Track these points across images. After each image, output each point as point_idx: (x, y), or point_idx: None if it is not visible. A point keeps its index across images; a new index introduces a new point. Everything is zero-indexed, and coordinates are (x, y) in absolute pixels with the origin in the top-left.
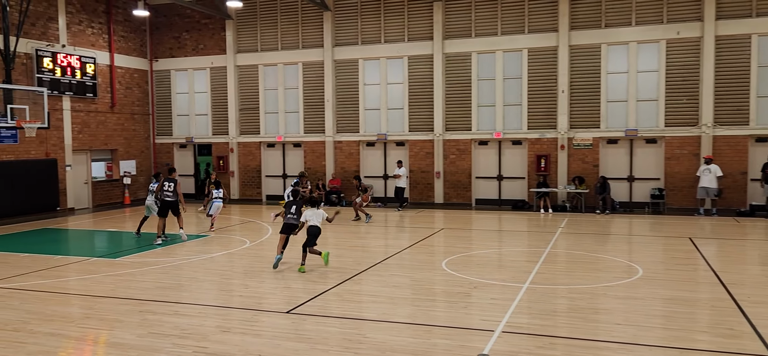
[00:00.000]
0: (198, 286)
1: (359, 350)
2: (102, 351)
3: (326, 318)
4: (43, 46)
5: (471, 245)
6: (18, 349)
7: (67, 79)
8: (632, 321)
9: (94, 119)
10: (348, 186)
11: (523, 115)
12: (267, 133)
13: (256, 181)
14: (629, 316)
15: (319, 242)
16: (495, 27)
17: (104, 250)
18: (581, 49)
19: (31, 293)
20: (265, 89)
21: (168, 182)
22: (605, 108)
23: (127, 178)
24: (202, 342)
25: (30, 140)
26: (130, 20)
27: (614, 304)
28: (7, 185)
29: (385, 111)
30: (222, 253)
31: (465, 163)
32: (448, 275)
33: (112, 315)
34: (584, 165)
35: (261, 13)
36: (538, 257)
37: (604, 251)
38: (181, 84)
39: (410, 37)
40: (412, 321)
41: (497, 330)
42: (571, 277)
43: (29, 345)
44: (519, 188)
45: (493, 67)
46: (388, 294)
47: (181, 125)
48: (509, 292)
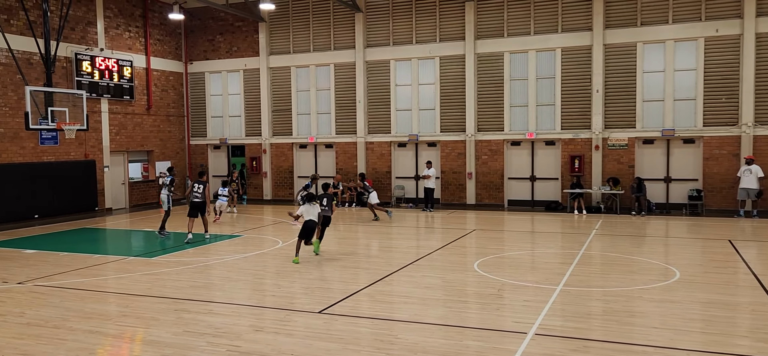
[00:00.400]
0: (231, 286)
1: (391, 351)
2: (139, 349)
3: (358, 319)
4: (82, 50)
5: (503, 247)
6: (58, 346)
7: (105, 82)
8: (669, 325)
9: (131, 121)
10: (379, 187)
11: (556, 115)
12: (299, 134)
13: (289, 182)
14: (666, 320)
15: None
16: (528, 26)
17: (140, 249)
18: (616, 48)
19: (70, 291)
20: (298, 91)
21: (197, 184)
22: (641, 108)
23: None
24: (236, 341)
25: (70, 141)
26: (166, 24)
27: (650, 307)
28: (48, 186)
29: (416, 112)
30: (255, 253)
31: (497, 164)
32: (480, 276)
33: (148, 313)
34: (619, 166)
35: (293, 15)
36: (571, 259)
37: (640, 253)
38: (215, 86)
39: (442, 38)
40: (444, 323)
41: (530, 332)
42: (605, 280)
43: (69, 341)
44: (552, 189)
45: (525, 67)
46: (420, 295)
47: (215, 127)
48: (542, 294)
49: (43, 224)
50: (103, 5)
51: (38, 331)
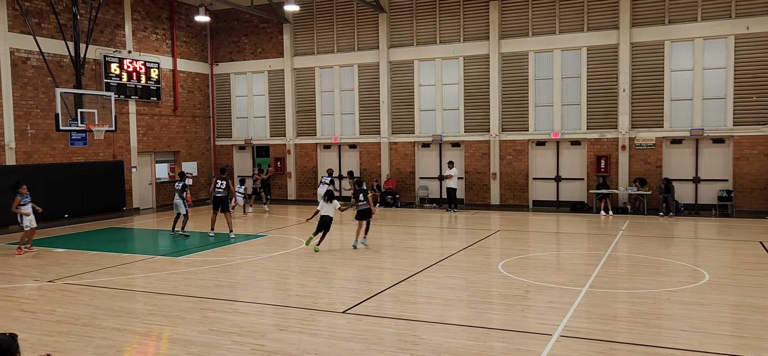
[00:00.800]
0: (256, 285)
1: (414, 351)
2: (165, 347)
3: (381, 319)
4: (111, 52)
5: (528, 248)
6: (87, 343)
7: (132, 84)
8: (698, 328)
9: (158, 122)
10: (403, 187)
11: (582, 115)
12: (323, 134)
13: (313, 182)
14: (695, 322)
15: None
16: (553, 25)
17: (167, 249)
18: (643, 46)
19: (99, 289)
20: (322, 91)
21: (219, 181)
22: (669, 107)
23: (188, 179)
24: (261, 339)
25: (98, 142)
26: (192, 26)
27: (678, 310)
28: (77, 186)
29: (440, 112)
30: (279, 253)
31: (522, 164)
32: (504, 277)
33: (174, 311)
34: (646, 166)
35: (317, 16)
36: (597, 261)
37: (668, 254)
38: (240, 87)
39: (466, 38)
40: (468, 324)
41: (555, 333)
42: (632, 281)
43: (97, 339)
44: (578, 189)
45: (550, 67)
46: (444, 296)
47: (240, 127)
48: (568, 295)
49: (72, 224)
50: (130, 8)
51: (68, 328)
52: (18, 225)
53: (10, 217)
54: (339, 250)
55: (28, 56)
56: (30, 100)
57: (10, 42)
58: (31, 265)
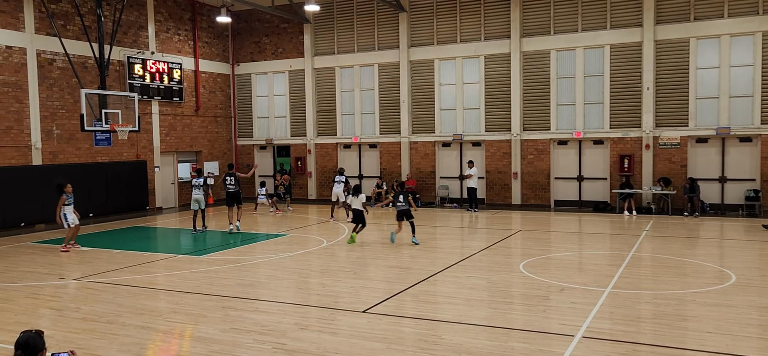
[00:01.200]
0: (277, 284)
1: (435, 351)
2: (188, 345)
3: (402, 318)
4: (134, 54)
5: (550, 248)
6: (111, 341)
7: (155, 85)
8: (725, 330)
9: (180, 122)
10: (423, 187)
11: (604, 113)
12: (343, 134)
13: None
14: (721, 324)
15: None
16: (575, 23)
17: (189, 248)
18: (668, 44)
19: (122, 287)
20: (342, 91)
21: (229, 177)
22: (694, 105)
23: (210, 178)
24: (281, 338)
25: (122, 142)
26: (214, 27)
27: (704, 311)
28: (102, 185)
29: (461, 111)
30: (300, 252)
31: (543, 163)
32: (525, 277)
33: (196, 310)
34: (671, 165)
35: (338, 16)
36: (621, 261)
37: (693, 255)
38: (261, 87)
39: (487, 36)
40: (489, 324)
41: (577, 335)
42: (656, 282)
43: (121, 336)
44: (600, 189)
45: (573, 65)
46: (464, 296)
47: (261, 127)
48: (590, 296)
49: (97, 223)
50: (154, 10)
51: (93, 326)
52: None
53: (37, 216)
54: (359, 249)
55: (54, 58)
56: (56, 101)
57: (37, 44)
58: (56, 263)
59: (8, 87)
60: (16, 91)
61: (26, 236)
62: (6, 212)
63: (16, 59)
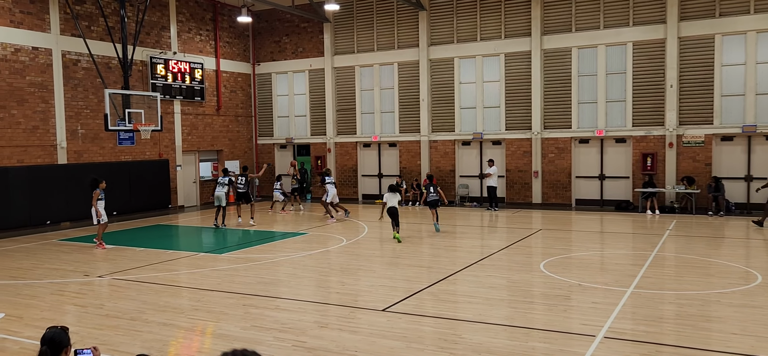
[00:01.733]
0: (297, 282)
1: (455, 350)
2: (209, 342)
3: (421, 317)
4: (157, 54)
5: (571, 247)
6: (134, 337)
7: (177, 84)
8: (750, 331)
9: (202, 122)
10: (443, 185)
11: (627, 111)
12: (363, 133)
13: (353, 180)
14: (746, 326)
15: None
16: (597, 20)
17: (210, 246)
18: (692, 40)
19: (145, 284)
20: (362, 90)
21: (241, 177)
22: (719, 103)
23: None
24: (301, 336)
25: (145, 141)
26: (234, 27)
27: (729, 312)
28: (125, 184)
29: (481, 110)
30: (320, 250)
31: (564, 162)
32: (546, 277)
33: (218, 307)
34: (695, 164)
35: (357, 14)
36: (643, 261)
37: (718, 255)
38: (281, 86)
39: (507, 34)
40: (509, 323)
41: (599, 335)
42: (680, 282)
43: (144, 333)
44: (623, 188)
45: (594, 63)
46: (484, 295)
47: (281, 126)
48: (612, 296)
49: (120, 221)
50: (176, 10)
51: (116, 322)
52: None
53: (62, 215)
54: (379, 249)
55: (79, 58)
56: (80, 101)
57: (62, 45)
58: (81, 260)
59: (35, 87)
60: (42, 91)
61: (52, 234)
62: (32, 211)
63: (42, 60)
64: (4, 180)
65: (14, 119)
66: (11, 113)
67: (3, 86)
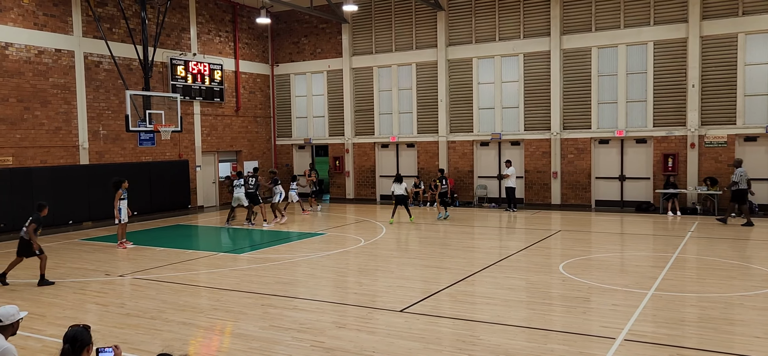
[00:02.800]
0: (315, 283)
1: (472, 351)
2: (228, 342)
3: (439, 318)
4: (177, 55)
5: (590, 249)
6: (154, 335)
7: (197, 86)
8: None
9: (221, 122)
10: (461, 186)
11: (648, 112)
12: (381, 133)
13: (371, 181)
14: None
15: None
16: (617, 20)
17: (229, 246)
18: (714, 39)
19: (165, 284)
20: (380, 90)
21: (251, 178)
22: (742, 103)
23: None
24: (319, 336)
25: (165, 142)
26: (253, 28)
27: (752, 315)
28: (146, 185)
29: (499, 110)
30: (338, 251)
31: (584, 163)
32: (565, 278)
33: (236, 307)
34: (718, 165)
35: (375, 15)
36: (664, 263)
37: (741, 257)
38: (299, 87)
39: (526, 34)
40: (528, 325)
41: (619, 337)
42: (701, 284)
43: (164, 332)
44: (643, 188)
45: (615, 62)
46: (503, 297)
47: (299, 127)
48: (632, 298)
49: (141, 221)
50: (195, 12)
51: (137, 321)
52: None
53: (84, 214)
54: (396, 250)
55: (101, 60)
56: (102, 102)
57: (84, 47)
58: (103, 260)
59: (58, 89)
60: (65, 92)
61: (74, 234)
62: (55, 210)
63: (65, 62)
64: (27, 180)
65: (38, 120)
66: (35, 114)
67: (27, 88)
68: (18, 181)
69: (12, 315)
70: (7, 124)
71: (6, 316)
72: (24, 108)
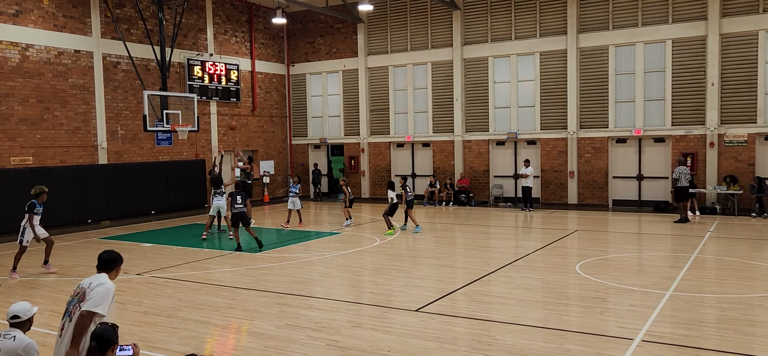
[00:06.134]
0: (330, 282)
1: (488, 351)
2: (244, 340)
3: (455, 318)
4: (194, 56)
5: (607, 249)
6: (172, 334)
7: (213, 86)
8: None
9: (237, 122)
10: (477, 185)
11: (666, 110)
12: (396, 133)
13: (386, 180)
14: None
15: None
16: (635, 18)
17: (245, 245)
18: (734, 37)
19: (182, 282)
20: (395, 90)
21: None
22: (763, 101)
23: (266, 177)
24: (335, 335)
25: (182, 142)
26: (269, 28)
27: None
28: (163, 184)
29: (515, 109)
30: (353, 250)
31: (601, 162)
32: (582, 278)
33: (253, 306)
34: (737, 164)
35: (391, 15)
36: (683, 263)
37: (762, 258)
38: (315, 87)
39: (542, 33)
40: (544, 325)
41: (636, 338)
42: (721, 285)
43: (181, 330)
44: (661, 188)
45: (632, 61)
46: (519, 297)
47: (315, 127)
48: (650, 299)
49: (158, 220)
50: (212, 13)
51: (154, 319)
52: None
53: (103, 213)
54: (412, 249)
55: (119, 61)
56: (120, 102)
57: (103, 48)
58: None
59: (77, 89)
60: (84, 93)
61: (93, 232)
62: (74, 209)
63: (84, 63)
64: (47, 180)
65: (57, 120)
66: (54, 114)
67: (47, 89)
68: (38, 180)
69: (27, 310)
70: (28, 124)
71: (22, 312)
72: (44, 108)
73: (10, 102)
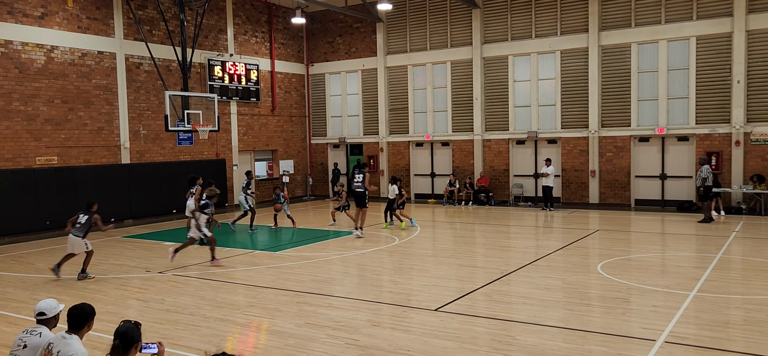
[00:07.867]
0: (350, 281)
1: (508, 352)
2: (264, 338)
3: (474, 318)
4: (214, 56)
5: (630, 249)
6: (193, 331)
7: (234, 86)
8: None
9: (257, 122)
10: (497, 185)
11: (690, 109)
12: (415, 132)
13: (405, 180)
14: None
15: None
16: (658, 15)
17: (265, 244)
18: (761, 33)
19: (203, 281)
20: (414, 89)
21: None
22: None
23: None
24: (354, 334)
25: (203, 141)
26: (289, 28)
27: None
28: (184, 183)
29: (535, 108)
30: (372, 249)
31: (623, 161)
32: (603, 279)
33: (272, 304)
34: (764, 163)
35: (410, 14)
36: (707, 264)
37: None
38: (334, 86)
39: (563, 31)
40: (565, 326)
41: (659, 339)
42: (747, 286)
43: (202, 328)
44: (685, 187)
45: (655, 59)
46: (539, 297)
47: (334, 126)
48: (673, 300)
49: (180, 219)
50: (232, 13)
51: (176, 317)
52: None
53: (126, 212)
54: (431, 248)
55: (141, 61)
56: (142, 102)
57: (126, 49)
58: (143, 257)
59: (100, 90)
60: (107, 93)
61: (116, 231)
62: (98, 209)
63: (107, 64)
64: (72, 179)
65: (81, 120)
66: (78, 114)
67: (71, 89)
68: (63, 180)
69: (53, 307)
70: (53, 124)
71: (49, 309)
72: (68, 109)
73: (36, 103)
